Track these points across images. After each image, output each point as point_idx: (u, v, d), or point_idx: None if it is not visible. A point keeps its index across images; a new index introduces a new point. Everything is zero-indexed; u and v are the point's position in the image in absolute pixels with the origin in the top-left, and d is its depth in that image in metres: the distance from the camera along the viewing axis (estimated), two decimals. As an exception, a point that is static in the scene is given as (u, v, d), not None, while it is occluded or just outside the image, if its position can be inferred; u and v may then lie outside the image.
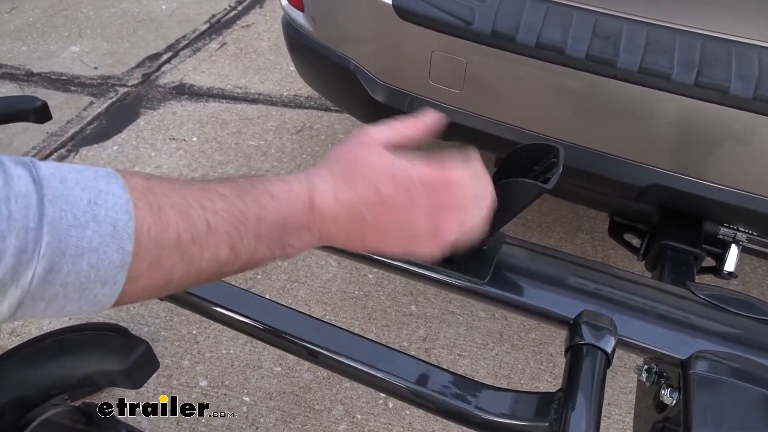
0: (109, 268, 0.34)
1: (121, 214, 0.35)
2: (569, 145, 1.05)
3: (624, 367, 1.46)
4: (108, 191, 0.35)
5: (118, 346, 0.60)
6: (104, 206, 0.34)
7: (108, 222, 0.34)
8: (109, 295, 0.35)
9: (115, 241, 0.34)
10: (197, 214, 0.39)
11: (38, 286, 0.32)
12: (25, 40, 2.79)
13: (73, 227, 0.33)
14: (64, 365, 0.57)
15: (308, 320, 0.75)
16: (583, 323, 0.62)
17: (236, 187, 0.43)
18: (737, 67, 0.85)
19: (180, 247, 0.38)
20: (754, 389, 0.57)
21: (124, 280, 0.35)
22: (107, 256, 0.34)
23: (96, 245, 0.33)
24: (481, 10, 0.97)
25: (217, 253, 0.40)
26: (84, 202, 0.34)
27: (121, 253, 0.34)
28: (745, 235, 1.06)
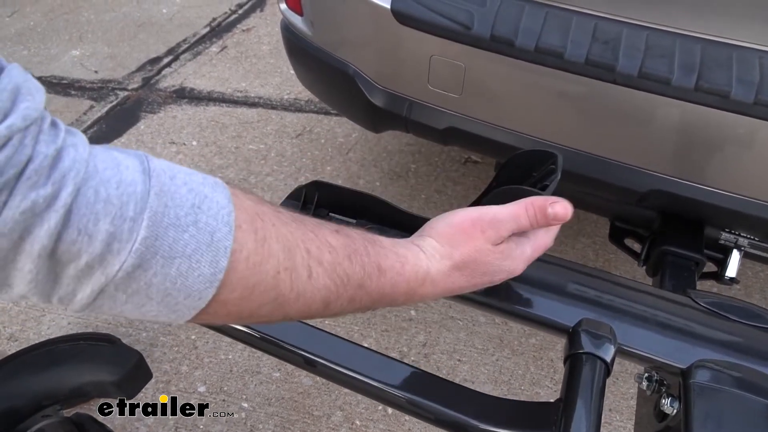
0: (198, 281, 0.32)
1: (221, 224, 0.33)
2: (569, 149, 1.04)
3: (625, 372, 1.45)
4: (213, 198, 0.33)
5: (110, 357, 0.59)
6: (207, 212, 0.32)
7: (207, 230, 0.32)
8: (191, 308, 0.33)
9: (210, 252, 0.32)
10: (302, 258, 0.37)
11: (123, 279, 0.30)
12: (26, 44, 2.80)
13: (172, 227, 0.31)
14: (56, 376, 0.57)
15: (305, 328, 0.74)
16: (583, 332, 0.61)
17: (348, 243, 0.41)
18: (738, 71, 0.84)
19: (276, 288, 0.35)
20: (755, 399, 0.56)
21: (209, 298, 0.33)
22: (199, 266, 0.32)
23: (190, 251, 0.31)
24: (479, 14, 0.96)
25: (310, 305, 0.38)
26: (188, 204, 0.32)
27: (214, 267, 0.32)
28: (747, 241, 1.05)
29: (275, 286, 0.35)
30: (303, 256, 0.37)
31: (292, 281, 0.36)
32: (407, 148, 2.12)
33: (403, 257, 0.46)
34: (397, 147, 2.12)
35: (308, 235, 0.38)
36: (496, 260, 0.52)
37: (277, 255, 0.35)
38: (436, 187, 1.95)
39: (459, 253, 0.50)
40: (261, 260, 0.34)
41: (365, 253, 0.42)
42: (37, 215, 0.27)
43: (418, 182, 1.97)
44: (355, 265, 0.41)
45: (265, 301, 0.35)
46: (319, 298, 0.38)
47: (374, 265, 0.42)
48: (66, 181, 0.28)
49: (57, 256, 0.29)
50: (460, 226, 0.51)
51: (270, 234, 0.35)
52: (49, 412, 0.57)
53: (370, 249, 0.43)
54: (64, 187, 0.28)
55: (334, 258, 0.39)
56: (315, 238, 0.38)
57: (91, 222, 0.28)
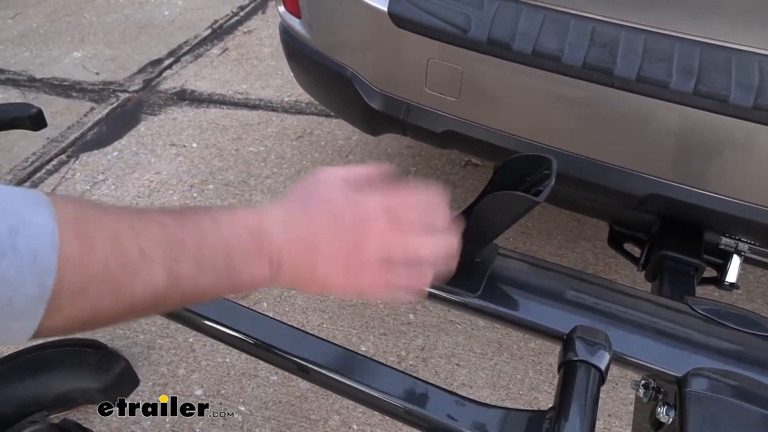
0: (26, 302, 0.31)
1: (43, 244, 0.32)
2: (567, 153, 1.03)
3: (625, 377, 1.43)
4: (32, 221, 0.32)
5: (97, 363, 0.58)
6: (26, 235, 0.31)
7: (28, 252, 0.31)
8: (25, 330, 0.33)
9: (34, 275, 0.31)
10: (129, 240, 0.37)
11: None
12: (28, 46, 2.80)
13: None
14: (42, 382, 0.56)
15: (299, 335, 0.74)
16: (577, 339, 0.61)
17: (176, 215, 0.41)
18: (737, 75, 0.83)
19: (108, 277, 0.35)
20: (752, 409, 0.55)
21: (41, 315, 0.32)
22: (24, 289, 0.31)
23: (11, 278, 0.30)
24: (477, 17, 0.96)
25: (152, 281, 0.38)
26: (3, 230, 0.31)
27: (40, 287, 0.32)
28: (747, 246, 1.04)
29: (105, 274, 0.35)
30: (130, 238, 0.37)
31: (125, 263, 0.36)
32: (407, 150, 2.11)
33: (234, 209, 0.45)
34: (397, 150, 2.12)
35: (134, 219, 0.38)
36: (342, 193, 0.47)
37: (103, 249, 0.35)
38: (436, 190, 1.94)
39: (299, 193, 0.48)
40: (88, 261, 0.34)
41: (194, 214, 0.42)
42: None
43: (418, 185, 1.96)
44: (188, 226, 0.40)
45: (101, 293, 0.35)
46: (159, 269, 0.38)
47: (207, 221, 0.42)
48: None
49: None
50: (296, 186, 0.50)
51: (93, 232, 0.35)
52: (36, 418, 0.57)
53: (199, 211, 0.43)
54: None
55: (164, 229, 0.39)
56: (141, 221, 0.39)
57: None
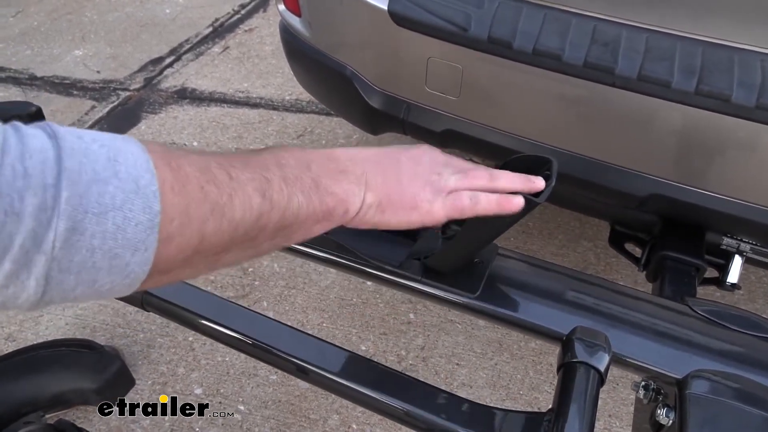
0: (138, 230, 0.32)
1: (143, 171, 0.33)
2: (568, 153, 1.03)
3: (625, 378, 1.43)
4: (127, 150, 0.33)
5: (91, 364, 0.58)
6: (125, 163, 0.32)
7: (130, 179, 0.32)
8: (142, 263, 0.33)
9: (140, 199, 0.32)
10: (216, 168, 0.39)
11: (62, 251, 0.30)
12: (29, 44, 2.80)
13: (93, 182, 0.31)
14: (36, 383, 0.56)
15: (298, 336, 0.73)
16: (577, 340, 0.60)
17: (248, 151, 0.45)
18: (739, 74, 0.83)
19: (206, 198, 0.37)
20: (752, 411, 0.55)
21: (155, 244, 0.33)
22: (133, 215, 0.32)
23: (120, 203, 0.31)
24: (477, 16, 0.95)
25: (248, 200, 0.39)
26: (103, 158, 0.32)
27: (149, 212, 0.32)
28: (749, 246, 1.04)
29: (205, 197, 0.37)
30: (216, 167, 0.39)
31: (218, 187, 0.38)
32: (408, 149, 2.11)
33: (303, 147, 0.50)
34: (398, 148, 2.11)
35: (214, 155, 0.41)
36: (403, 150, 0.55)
37: (195, 175, 0.37)
38: (437, 189, 1.93)
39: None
40: (183, 183, 0.36)
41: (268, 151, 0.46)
42: None
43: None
44: (266, 157, 0.44)
45: (204, 215, 0.37)
46: (252, 189, 0.40)
47: (281, 152, 0.46)
48: None
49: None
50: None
51: (182, 162, 0.37)
52: (31, 418, 0.57)
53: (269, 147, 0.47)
54: None
55: (244, 160, 0.42)
56: (221, 155, 0.42)
57: (16, 200, 0.28)
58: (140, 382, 1.40)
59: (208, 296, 0.77)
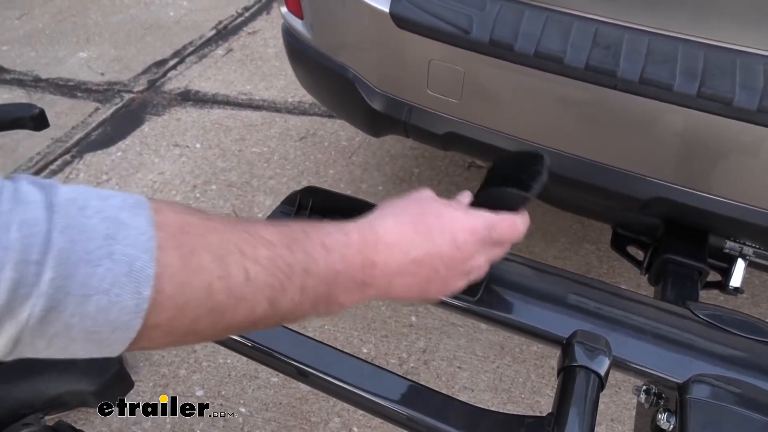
0: (122, 314, 0.30)
1: (140, 252, 0.30)
2: (570, 156, 1.02)
3: (628, 382, 1.42)
4: (130, 224, 0.31)
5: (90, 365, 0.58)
6: (123, 242, 0.30)
7: (124, 261, 0.30)
8: (121, 341, 0.31)
9: (130, 283, 0.30)
10: (236, 262, 0.35)
11: (38, 324, 0.29)
12: (34, 46, 2.82)
13: (82, 263, 0.29)
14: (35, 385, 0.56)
15: (299, 338, 0.73)
16: (577, 344, 0.60)
17: (286, 234, 0.39)
18: (741, 77, 0.82)
19: (210, 299, 0.33)
20: (754, 417, 0.54)
21: (138, 327, 0.31)
22: (120, 299, 0.30)
23: (107, 286, 0.29)
24: (479, 18, 0.95)
25: (254, 308, 0.36)
26: (100, 236, 0.30)
27: (137, 297, 0.30)
28: (752, 249, 1.03)
29: (209, 297, 0.33)
30: (237, 259, 0.35)
31: (229, 288, 0.34)
32: (410, 152, 2.11)
33: (347, 228, 0.43)
34: (401, 151, 2.11)
35: (241, 236, 0.36)
36: (453, 212, 0.48)
37: (207, 266, 0.33)
38: (439, 192, 1.90)
39: (410, 209, 0.47)
40: (189, 276, 0.33)
41: (305, 237, 0.40)
42: None
43: (421, 186, 1.95)
44: (297, 253, 0.38)
45: (200, 315, 0.34)
46: (263, 297, 0.36)
47: (317, 246, 0.40)
48: None
49: None
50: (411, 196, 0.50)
51: (197, 246, 0.33)
52: (30, 420, 0.57)
53: (310, 232, 0.40)
54: None
55: (272, 252, 0.37)
56: (249, 238, 0.36)
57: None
58: (142, 384, 1.40)
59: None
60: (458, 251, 0.46)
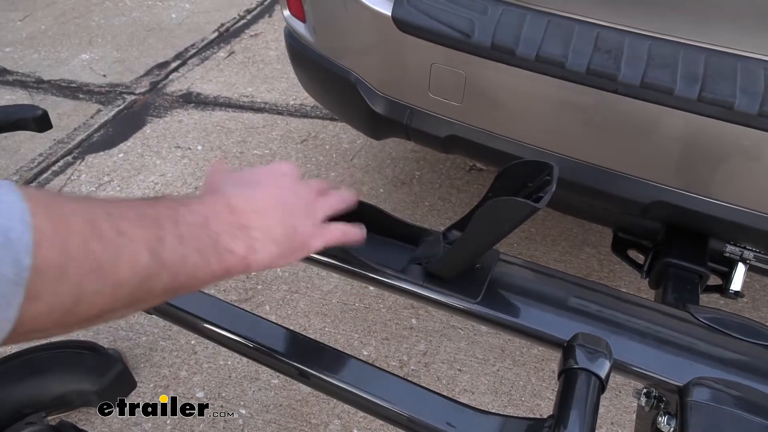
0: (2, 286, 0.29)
1: (15, 222, 0.30)
2: (571, 159, 1.03)
3: (628, 385, 1.42)
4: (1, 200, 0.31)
5: (93, 365, 0.58)
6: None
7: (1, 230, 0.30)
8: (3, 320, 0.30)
9: (8, 254, 0.30)
10: (105, 221, 0.36)
11: None
12: (37, 48, 2.82)
13: None
14: (38, 385, 0.56)
15: (300, 340, 0.73)
16: (578, 346, 0.60)
17: (143, 201, 0.42)
18: (742, 82, 0.83)
19: (89, 257, 0.34)
20: (754, 420, 0.54)
21: (20, 300, 0.30)
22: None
23: None
24: (480, 22, 0.95)
25: (136, 259, 0.37)
26: None
27: (16, 266, 0.30)
28: (752, 254, 1.04)
29: (87, 256, 0.34)
30: (105, 218, 0.36)
31: (104, 243, 0.35)
32: (411, 155, 2.11)
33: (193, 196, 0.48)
34: (402, 154, 2.12)
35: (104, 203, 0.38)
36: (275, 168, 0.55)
37: (80, 228, 0.34)
38: (440, 195, 1.94)
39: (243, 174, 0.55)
40: (65, 239, 0.33)
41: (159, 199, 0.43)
42: None
43: (422, 189, 1.96)
44: (159, 208, 0.41)
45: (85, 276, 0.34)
46: (142, 247, 0.37)
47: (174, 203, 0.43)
48: None
49: None
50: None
51: (67, 211, 0.34)
52: (33, 419, 0.57)
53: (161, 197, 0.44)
54: None
55: (136, 210, 0.39)
56: (112, 203, 0.39)
57: None
58: (142, 385, 1.40)
59: (211, 300, 0.77)
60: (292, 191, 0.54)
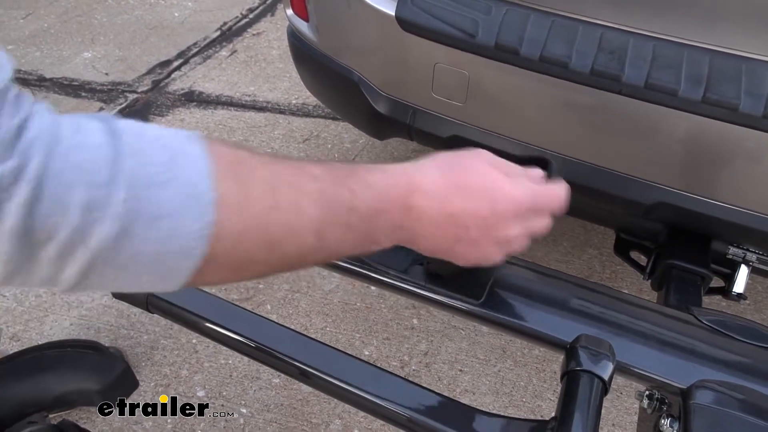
0: (188, 238, 0.31)
1: (201, 176, 0.31)
2: (574, 160, 1.02)
3: (629, 386, 1.42)
4: (188, 152, 0.32)
5: (96, 365, 0.58)
6: (183, 166, 0.31)
7: (188, 184, 0.31)
8: (185, 269, 0.32)
9: (194, 207, 0.31)
10: (286, 194, 0.36)
11: (108, 251, 0.29)
12: (39, 46, 2.83)
13: (150, 186, 0.29)
14: (40, 383, 0.56)
15: (301, 339, 0.73)
16: (580, 348, 0.60)
17: (331, 170, 0.40)
18: (747, 84, 0.83)
19: (264, 229, 0.34)
20: (757, 423, 0.54)
21: (201, 254, 0.32)
22: (185, 223, 0.30)
23: (173, 208, 0.30)
24: (484, 22, 0.95)
25: (304, 239, 0.37)
26: (163, 160, 0.30)
27: (200, 221, 0.31)
28: (755, 256, 1.03)
29: (265, 227, 0.34)
30: (286, 191, 0.36)
31: (281, 218, 0.35)
32: (414, 154, 2.11)
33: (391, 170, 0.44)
34: (404, 153, 2.11)
35: (289, 169, 0.37)
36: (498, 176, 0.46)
37: (261, 196, 0.34)
38: (442, 195, 1.93)
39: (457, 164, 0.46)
40: (246, 205, 0.33)
41: (350, 173, 0.40)
42: (4, 190, 0.26)
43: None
44: (342, 188, 0.39)
45: (258, 245, 0.34)
46: (311, 229, 0.37)
47: (361, 182, 0.40)
48: (32, 152, 0.26)
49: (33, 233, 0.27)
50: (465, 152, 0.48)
51: (251, 177, 0.34)
52: (35, 418, 0.57)
53: (354, 170, 0.41)
54: (31, 157, 0.26)
55: (319, 185, 0.38)
56: (297, 171, 0.37)
57: (64, 192, 0.27)
58: (143, 384, 1.40)
59: (212, 299, 0.77)
60: (494, 216, 0.45)
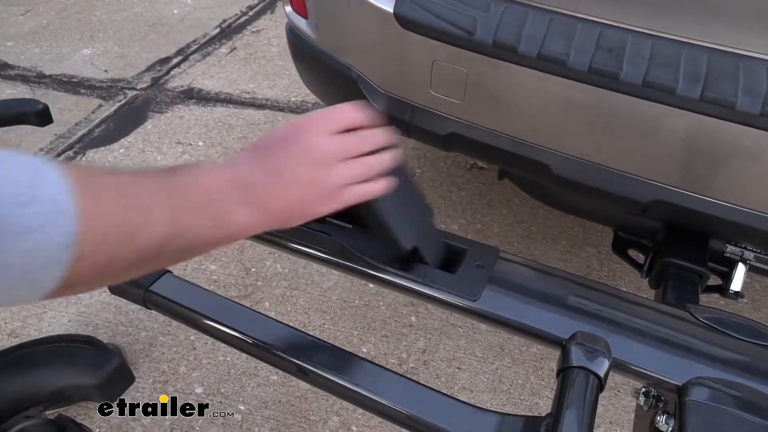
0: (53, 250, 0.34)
1: (62, 194, 0.35)
2: (572, 158, 1.02)
3: (627, 384, 1.42)
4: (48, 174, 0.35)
5: (92, 360, 0.59)
6: (46, 186, 0.34)
7: (51, 201, 0.34)
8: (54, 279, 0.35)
9: (60, 221, 0.34)
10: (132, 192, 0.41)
11: None
12: (38, 42, 2.82)
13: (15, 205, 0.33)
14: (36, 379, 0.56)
15: (299, 336, 0.73)
16: (576, 345, 0.60)
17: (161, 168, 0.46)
18: (744, 82, 0.83)
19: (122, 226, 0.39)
20: (753, 420, 0.54)
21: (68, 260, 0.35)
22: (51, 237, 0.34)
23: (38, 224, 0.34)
24: (483, 20, 0.95)
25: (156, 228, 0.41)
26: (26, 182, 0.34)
27: (65, 233, 0.35)
28: (753, 254, 1.03)
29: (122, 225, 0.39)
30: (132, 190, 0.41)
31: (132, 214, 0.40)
32: (412, 152, 2.11)
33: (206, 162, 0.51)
34: (403, 151, 2.11)
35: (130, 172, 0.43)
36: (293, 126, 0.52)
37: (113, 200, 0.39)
38: (441, 193, 1.94)
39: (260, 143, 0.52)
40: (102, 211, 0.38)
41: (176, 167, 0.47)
42: None
43: (422, 187, 1.96)
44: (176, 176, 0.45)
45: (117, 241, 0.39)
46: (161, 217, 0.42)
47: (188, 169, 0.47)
48: None
49: None
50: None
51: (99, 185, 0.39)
52: (32, 413, 0.57)
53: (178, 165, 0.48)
54: None
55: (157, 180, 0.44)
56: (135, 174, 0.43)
57: None
58: (141, 381, 1.40)
59: (211, 295, 0.77)
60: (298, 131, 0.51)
